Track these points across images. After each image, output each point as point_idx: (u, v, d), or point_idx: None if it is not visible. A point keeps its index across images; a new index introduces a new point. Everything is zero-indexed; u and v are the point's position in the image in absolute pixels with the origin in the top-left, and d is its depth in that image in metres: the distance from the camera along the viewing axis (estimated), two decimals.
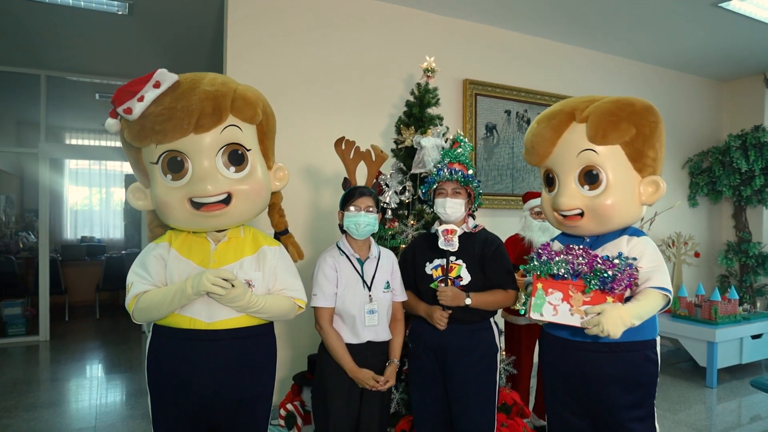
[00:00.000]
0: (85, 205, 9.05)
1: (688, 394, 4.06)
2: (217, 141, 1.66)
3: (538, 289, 1.75)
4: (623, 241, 1.80)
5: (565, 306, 1.71)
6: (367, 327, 2.06)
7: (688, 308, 4.52)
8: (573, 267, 1.70)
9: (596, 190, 1.77)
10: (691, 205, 5.69)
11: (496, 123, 4.28)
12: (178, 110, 1.59)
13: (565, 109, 1.82)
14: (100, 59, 5.18)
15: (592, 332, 1.61)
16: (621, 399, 1.76)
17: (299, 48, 3.54)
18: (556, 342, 1.88)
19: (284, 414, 2.66)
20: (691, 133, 5.70)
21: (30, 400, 3.75)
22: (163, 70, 1.64)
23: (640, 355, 1.77)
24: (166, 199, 1.66)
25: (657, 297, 1.69)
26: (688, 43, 4.78)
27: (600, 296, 1.67)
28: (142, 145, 1.64)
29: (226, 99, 1.66)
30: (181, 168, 1.65)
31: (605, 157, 1.75)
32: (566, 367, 1.85)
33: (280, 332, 3.40)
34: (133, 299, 1.67)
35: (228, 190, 1.67)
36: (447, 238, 2.11)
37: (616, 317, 1.59)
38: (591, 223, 1.79)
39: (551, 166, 1.87)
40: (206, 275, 1.59)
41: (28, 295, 6.04)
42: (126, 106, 1.59)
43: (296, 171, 3.47)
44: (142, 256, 1.74)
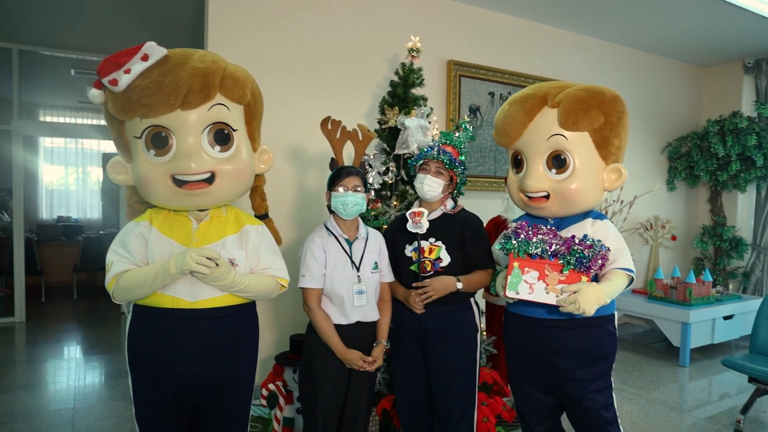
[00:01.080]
0: (62, 185, 8.84)
1: (662, 372, 4.17)
2: (204, 119, 1.63)
3: (515, 268, 1.79)
4: (587, 223, 1.87)
5: (540, 285, 1.76)
6: (355, 308, 2.05)
7: (663, 290, 4.62)
8: (551, 247, 1.75)
9: (563, 174, 1.82)
10: (669, 189, 5.78)
11: (479, 105, 4.27)
12: (166, 85, 1.55)
13: (538, 93, 1.86)
14: (75, 33, 5.01)
15: (568, 310, 1.67)
16: (585, 373, 1.84)
17: (282, 27, 3.47)
18: (521, 320, 1.94)
19: (266, 394, 2.67)
20: (671, 117, 5.77)
21: (6, 382, 3.70)
22: (152, 43, 1.59)
23: (602, 329, 1.85)
24: (147, 175, 1.63)
25: (623, 277, 1.79)
26: (671, 29, 4.81)
27: (575, 275, 1.73)
28: (126, 118, 1.61)
29: (215, 77, 1.63)
30: (165, 144, 1.62)
31: (573, 143, 1.80)
32: (533, 346, 1.90)
33: (264, 313, 3.39)
34: (113, 279, 1.64)
35: (212, 169, 1.64)
36: (414, 221, 2.11)
37: (591, 296, 1.66)
38: (556, 206, 1.85)
39: (520, 148, 1.91)
40: (190, 254, 1.57)
41: (2, 276, 5.92)
42: (111, 77, 1.55)
43: (281, 152, 3.43)
44: (122, 235, 1.70)
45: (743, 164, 5.35)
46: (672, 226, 5.53)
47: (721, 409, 3.48)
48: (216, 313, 1.69)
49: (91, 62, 5.80)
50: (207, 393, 1.72)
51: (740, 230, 5.67)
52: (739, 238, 5.56)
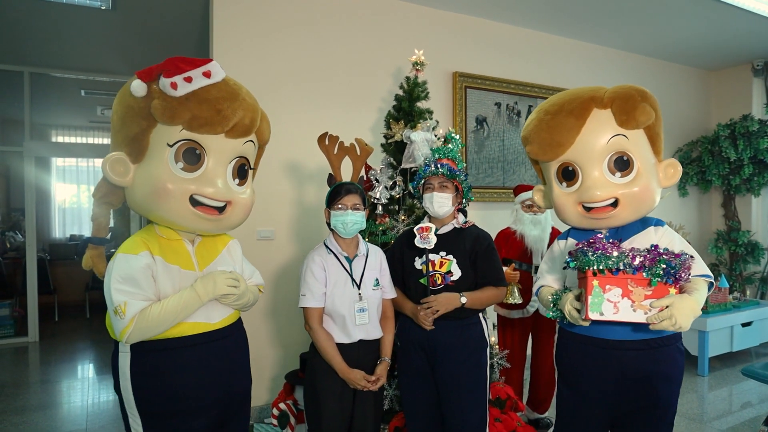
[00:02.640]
0: (74, 203, 8.94)
1: None
2: (237, 150, 1.70)
3: (595, 287, 1.60)
4: (650, 232, 1.76)
5: (626, 302, 1.58)
6: (357, 326, 2.03)
7: None
8: (634, 259, 1.59)
9: (628, 177, 1.71)
10: (681, 195, 5.71)
11: (486, 116, 4.25)
12: (225, 108, 1.60)
13: (583, 96, 1.74)
14: (84, 55, 5.09)
15: (662, 327, 1.53)
16: (660, 394, 1.72)
17: (286, 42, 3.49)
18: (587, 342, 1.79)
19: (277, 413, 2.64)
20: (680, 122, 5.71)
21: (19, 404, 3.71)
22: (216, 63, 1.62)
23: (673, 348, 1.75)
24: (165, 185, 1.58)
25: (705, 284, 1.65)
26: (677, 34, 4.77)
27: (663, 289, 1.57)
28: (168, 123, 1.57)
29: (259, 116, 1.74)
30: (196, 161, 1.62)
31: (634, 142, 1.72)
32: (596, 367, 1.77)
33: (268, 331, 3.42)
34: (132, 320, 1.51)
35: (229, 199, 1.67)
36: (422, 236, 2.10)
37: (687, 309, 1.52)
38: (626, 212, 1.72)
39: (572, 157, 1.75)
40: (218, 278, 1.62)
41: (16, 296, 5.97)
42: (173, 80, 1.53)
43: (281, 166, 3.43)
44: (125, 270, 1.56)
45: (756, 168, 5.27)
46: (685, 232, 5.43)
47: (742, 419, 3.40)
48: (228, 331, 1.74)
49: (100, 83, 5.88)
50: (233, 408, 1.75)
51: (755, 234, 5.58)
52: (755, 242, 5.47)
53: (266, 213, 3.35)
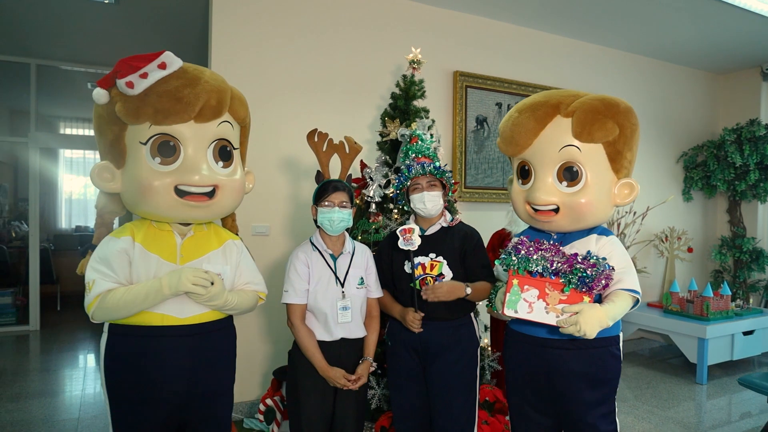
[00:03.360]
0: (80, 195, 9.01)
1: (678, 390, 4.04)
2: (212, 133, 1.67)
3: (514, 285, 1.71)
4: (592, 239, 1.79)
5: (540, 303, 1.68)
6: (340, 324, 2.02)
7: (679, 304, 4.49)
8: (552, 264, 1.67)
9: (574, 188, 1.73)
10: (686, 200, 5.64)
11: (486, 116, 4.22)
12: (186, 95, 1.58)
13: (550, 101, 1.76)
14: (90, 49, 5.12)
15: (568, 331, 1.59)
16: (586, 395, 1.76)
17: (285, 38, 3.48)
18: (521, 339, 1.87)
19: (264, 409, 2.64)
20: (685, 126, 5.64)
21: (16, 391, 3.75)
22: (170, 53, 1.61)
23: (605, 351, 1.77)
24: (148, 183, 1.60)
25: (628, 299, 1.70)
26: (683, 35, 4.71)
27: (577, 295, 1.65)
28: (135, 122, 1.59)
29: (227, 95, 1.70)
30: (172, 153, 1.62)
31: (587, 155, 1.72)
32: (531, 364, 1.84)
33: (260, 327, 3.42)
34: (96, 298, 1.57)
35: (215, 183, 1.67)
36: (405, 238, 2.07)
37: (594, 318, 1.57)
38: (565, 220, 1.77)
39: (529, 158, 1.81)
40: (185, 274, 1.57)
41: (19, 285, 6.03)
42: (128, 80, 1.54)
43: (278, 163, 3.43)
44: (103, 251, 1.63)
45: (762, 173, 5.19)
46: (688, 237, 5.38)
47: (740, 429, 3.35)
48: (204, 328, 1.69)
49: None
50: (194, 409, 1.71)
51: (761, 241, 5.50)
52: (760, 249, 5.39)
53: (261, 208, 3.35)
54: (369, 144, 3.47)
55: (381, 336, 2.32)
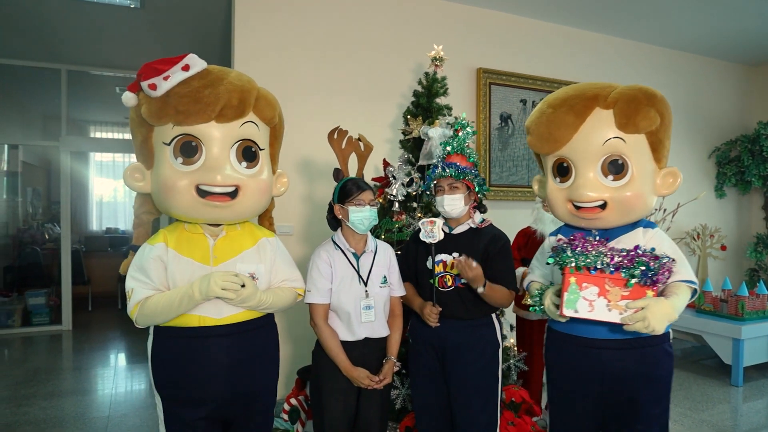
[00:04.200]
0: (111, 197, 9.21)
1: (712, 392, 3.92)
2: (235, 134, 1.67)
3: (571, 284, 1.61)
4: (639, 233, 1.73)
5: (602, 301, 1.58)
6: (363, 323, 2.01)
7: (713, 303, 4.35)
8: (612, 259, 1.58)
9: (621, 181, 1.68)
10: (718, 196, 5.47)
11: (511, 113, 4.16)
12: (205, 95, 1.59)
13: (587, 94, 1.70)
14: (117, 53, 5.24)
15: (635, 328, 1.52)
16: (643, 396, 1.70)
17: (305, 39, 3.49)
18: (568, 340, 1.79)
19: (288, 408, 2.65)
20: (718, 121, 5.47)
21: (49, 389, 3.84)
22: (194, 55, 1.63)
23: (659, 349, 1.71)
24: (172, 182, 1.63)
25: (687, 290, 1.64)
26: (715, 27, 4.56)
27: (640, 290, 1.56)
28: (158, 123, 1.63)
29: (251, 95, 1.69)
30: (194, 153, 1.63)
31: (632, 146, 1.67)
32: (581, 367, 1.76)
33: (280, 326, 3.39)
34: (136, 306, 1.62)
35: (237, 183, 1.66)
36: (426, 230, 2.05)
37: (661, 312, 1.51)
38: (613, 215, 1.70)
39: (567, 154, 1.74)
40: (214, 279, 1.58)
41: (52, 285, 6.19)
42: (151, 82, 1.58)
43: (294, 163, 3.43)
44: (139, 260, 1.68)
45: None
46: (721, 235, 5.22)
47: None
48: (241, 327, 1.71)
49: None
50: (237, 407, 1.74)
51: None
52: None
53: (284, 209, 3.36)
54: (391, 143, 3.45)
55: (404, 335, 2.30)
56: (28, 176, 7.28)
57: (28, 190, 7.31)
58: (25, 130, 6.73)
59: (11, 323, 5.60)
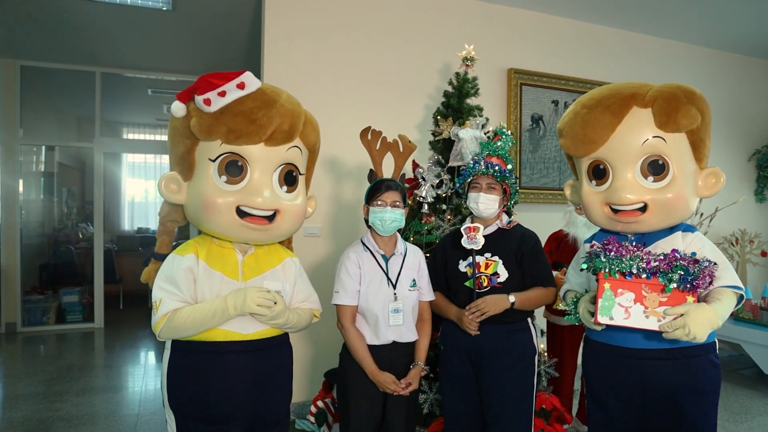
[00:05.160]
0: (142, 198, 9.40)
1: (751, 404, 3.77)
2: (281, 158, 1.68)
3: (606, 290, 1.55)
4: (677, 237, 1.66)
5: (638, 308, 1.52)
6: (391, 327, 1.98)
7: (752, 311, 4.19)
8: (648, 264, 1.51)
9: (661, 182, 1.62)
10: (758, 200, 5.27)
11: (542, 114, 4.08)
12: (260, 117, 1.59)
13: (623, 93, 1.64)
14: (148, 55, 5.32)
15: (674, 336, 1.45)
16: (687, 409, 1.61)
17: (334, 38, 3.48)
18: (608, 351, 1.71)
19: (315, 411, 2.64)
20: (759, 122, 5.27)
21: (81, 385, 3.92)
22: (250, 73, 1.62)
23: (704, 360, 1.62)
24: (212, 200, 1.61)
25: (732, 296, 1.55)
26: (756, 25, 4.39)
27: (679, 296, 1.49)
28: (208, 138, 1.61)
29: (300, 120, 1.70)
30: (239, 173, 1.63)
31: (672, 146, 1.61)
32: (622, 378, 1.69)
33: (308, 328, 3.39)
34: (163, 318, 1.57)
35: (277, 207, 1.66)
36: (470, 236, 2.02)
37: (703, 318, 1.43)
38: (654, 218, 1.63)
39: (604, 155, 1.67)
40: (250, 295, 1.57)
41: (85, 284, 6.34)
42: (206, 97, 1.57)
43: (323, 164, 3.40)
44: (169, 270, 1.64)
45: None
46: (762, 240, 5.02)
47: None
48: (264, 344, 1.69)
49: (165, 82, 6.13)
50: (254, 424, 1.71)
51: None
52: None
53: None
54: (418, 144, 3.38)
55: (434, 340, 2.27)
56: (64, 177, 7.48)
57: (63, 190, 7.51)
58: (61, 131, 6.91)
59: (46, 320, 5.74)
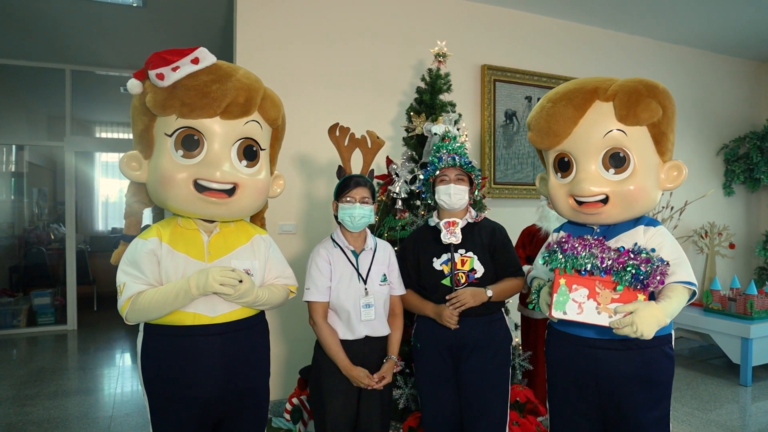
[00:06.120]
0: (117, 197, 9.23)
1: (720, 392, 3.87)
2: (238, 132, 1.66)
3: (561, 285, 1.60)
4: (639, 231, 1.69)
5: (591, 304, 1.57)
6: (363, 322, 1.98)
7: (721, 302, 4.30)
8: (602, 262, 1.56)
9: (622, 174, 1.65)
10: (727, 194, 5.41)
11: (516, 110, 4.13)
12: (213, 90, 1.58)
13: (586, 87, 1.69)
14: (120, 53, 5.23)
15: (623, 332, 1.50)
16: (638, 399, 1.66)
17: (307, 33, 3.46)
18: (566, 339, 1.77)
19: (290, 408, 2.63)
20: (726, 117, 5.41)
21: (53, 389, 3.84)
22: (204, 49, 1.62)
23: (658, 351, 1.67)
24: (170, 174, 1.61)
25: (684, 292, 1.60)
26: (723, 22, 4.50)
27: (630, 294, 1.55)
28: (162, 113, 1.61)
29: (258, 94, 1.68)
30: (195, 147, 1.62)
31: (633, 139, 1.65)
32: (578, 366, 1.74)
33: (280, 325, 3.38)
34: (127, 301, 1.59)
35: (235, 181, 1.65)
36: (449, 231, 2.03)
37: (650, 317, 1.48)
38: (615, 210, 1.67)
39: (568, 148, 1.72)
40: (212, 274, 1.56)
41: (58, 285, 6.20)
42: (159, 71, 1.56)
43: (294, 160, 3.39)
44: (132, 254, 1.64)
45: None
46: (730, 233, 5.16)
47: None
48: (235, 326, 1.69)
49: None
50: (229, 406, 1.72)
51: None
52: None
53: (284, 207, 3.33)
54: (392, 140, 3.42)
55: (407, 335, 2.28)
56: (34, 177, 7.31)
57: (33, 190, 7.34)
58: (31, 130, 6.74)
59: (16, 323, 5.61)
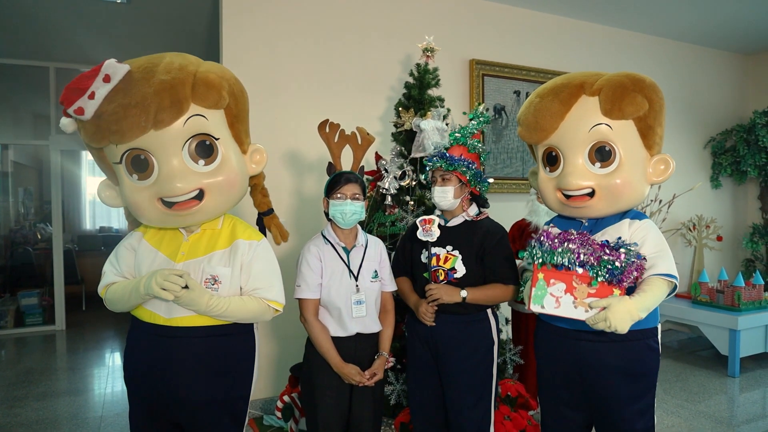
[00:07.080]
0: None
1: (709, 383, 3.91)
2: (181, 134, 1.52)
3: (539, 280, 1.64)
4: (625, 224, 1.71)
5: (568, 298, 1.60)
6: (354, 318, 1.98)
7: (709, 294, 4.34)
8: (578, 257, 1.58)
9: (608, 168, 1.67)
10: (714, 187, 5.45)
11: (504, 104, 4.13)
12: (132, 107, 1.43)
13: (573, 82, 1.71)
14: (104, 50, 5.14)
15: (598, 327, 1.52)
16: (621, 391, 1.68)
17: (295, 30, 3.43)
18: (553, 332, 1.80)
19: (281, 406, 2.62)
20: (713, 110, 5.44)
21: (41, 389, 3.80)
22: (112, 60, 1.47)
23: (641, 344, 1.69)
24: (134, 200, 1.56)
25: (663, 285, 1.60)
26: (709, 15, 4.52)
27: (606, 288, 1.57)
28: (100, 145, 1.52)
29: (185, 87, 1.50)
30: (146, 167, 1.53)
31: (618, 133, 1.66)
32: (563, 358, 1.77)
33: (271, 323, 3.34)
34: (104, 290, 1.67)
35: (199, 186, 1.55)
36: (425, 228, 2.03)
37: (623, 312, 1.50)
38: (602, 203, 1.69)
39: (555, 143, 1.73)
40: (156, 277, 1.49)
41: (46, 286, 6.13)
42: (77, 106, 1.44)
43: (283, 157, 3.37)
44: (118, 246, 1.72)
45: None
46: (717, 225, 5.21)
47: None
48: (191, 332, 1.59)
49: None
50: (182, 414, 1.64)
51: None
52: None
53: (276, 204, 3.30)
54: (381, 136, 3.41)
55: (400, 331, 2.28)
56: (20, 176, 7.21)
57: (19, 190, 7.24)
58: (16, 129, 6.65)
59: (4, 324, 5.53)
